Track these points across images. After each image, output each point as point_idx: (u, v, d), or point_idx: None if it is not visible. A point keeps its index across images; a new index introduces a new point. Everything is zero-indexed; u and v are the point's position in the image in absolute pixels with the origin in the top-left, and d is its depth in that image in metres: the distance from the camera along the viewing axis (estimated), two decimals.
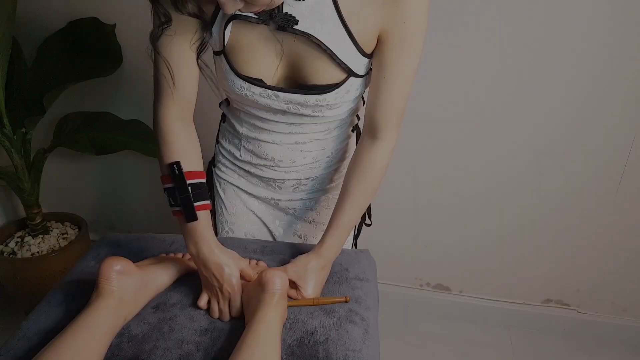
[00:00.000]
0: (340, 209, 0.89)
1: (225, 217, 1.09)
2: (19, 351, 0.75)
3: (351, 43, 0.75)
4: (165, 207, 0.86)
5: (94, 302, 0.75)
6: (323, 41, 0.74)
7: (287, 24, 0.73)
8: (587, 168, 1.48)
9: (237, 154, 0.99)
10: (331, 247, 0.88)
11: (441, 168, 1.57)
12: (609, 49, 1.31)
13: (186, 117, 0.84)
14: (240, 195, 1.06)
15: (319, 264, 0.87)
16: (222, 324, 0.81)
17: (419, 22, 0.74)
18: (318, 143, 0.94)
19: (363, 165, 0.88)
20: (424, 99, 1.46)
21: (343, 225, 0.89)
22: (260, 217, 1.08)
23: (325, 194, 1.05)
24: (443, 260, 1.75)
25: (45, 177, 1.72)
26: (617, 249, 1.60)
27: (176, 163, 0.80)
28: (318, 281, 0.86)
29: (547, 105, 1.41)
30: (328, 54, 0.76)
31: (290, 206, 1.05)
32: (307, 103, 0.82)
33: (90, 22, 1.56)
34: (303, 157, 0.94)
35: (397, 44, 0.76)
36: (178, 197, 0.81)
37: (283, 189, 1.01)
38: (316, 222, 1.08)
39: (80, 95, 1.71)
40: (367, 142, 0.88)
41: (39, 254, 1.67)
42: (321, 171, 0.99)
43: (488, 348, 1.71)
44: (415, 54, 0.77)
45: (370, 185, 0.89)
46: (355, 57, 0.78)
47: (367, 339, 0.79)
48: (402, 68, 0.78)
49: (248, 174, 1.01)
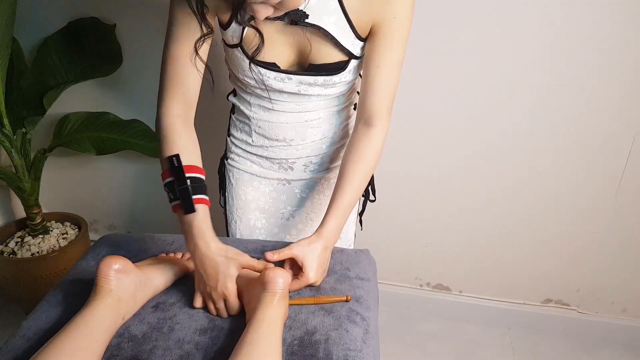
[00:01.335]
0: (340, 191, 0.94)
1: (235, 205, 1.13)
2: (19, 351, 0.75)
3: (351, 31, 0.86)
4: (165, 207, 0.86)
5: (92, 301, 0.75)
6: (330, 31, 0.85)
7: (299, 19, 0.83)
8: (587, 168, 1.48)
9: (250, 140, 1.06)
10: (332, 229, 0.92)
11: (441, 168, 1.57)
12: (609, 49, 1.31)
13: (187, 117, 0.90)
14: (252, 183, 1.11)
15: (321, 245, 0.89)
16: (222, 324, 0.81)
17: (407, 17, 0.86)
18: (325, 119, 1.02)
19: (359, 150, 0.95)
20: (423, 98, 1.46)
21: (343, 207, 0.94)
22: (271, 203, 1.12)
23: (334, 171, 1.11)
24: (443, 260, 1.75)
25: (45, 177, 1.72)
26: (617, 249, 1.60)
27: (175, 155, 0.84)
28: (320, 262, 0.88)
29: (547, 105, 1.41)
30: (333, 41, 0.87)
31: (301, 185, 1.11)
32: (316, 83, 0.92)
33: (90, 22, 1.56)
34: (313, 133, 1.02)
35: (387, 36, 0.87)
36: (177, 189, 0.83)
37: (295, 169, 1.08)
38: (325, 202, 1.11)
39: (80, 95, 1.71)
40: (362, 130, 0.96)
41: (39, 254, 1.67)
42: (329, 147, 1.07)
43: (488, 348, 1.71)
44: (403, 45, 0.89)
45: (366, 168, 0.96)
46: (354, 42, 0.88)
47: (368, 338, 0.79)
48: (392, 58, 0.89)
49: (260, 158, 1.07)
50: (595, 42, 1.30)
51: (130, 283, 0.79)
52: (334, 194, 0.95)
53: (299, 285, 0.86)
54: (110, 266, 0.77)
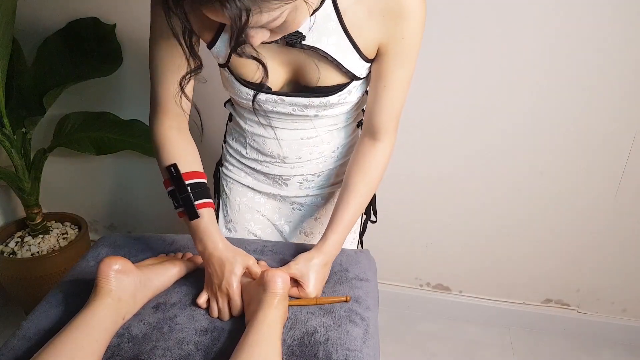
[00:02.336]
0: (343, 206, 0.91)
1: (229, 215, 1.10)
2: (19, 351, 0.75)
3: (355, 52, 0.80)
4: (165, 207, 0.86)
5: (92, 301, 0.75)
6: (329, 53, 0.79)
7: (296, 41, 0.77)
8: (587, 168, 1.48)
9: (244, 152, 1.02)
10: (333, 243, 0.90)
11: (441, 168, 1.58)
12: (609, 49, 1.31)
13: (181, 127, 0.88)
14: (246, 194, 1.07)
15: (321, 261, 0.87)
16: (222, 324, 0.81)
17: (416, 38, 0.80)
18: (324, 137, 0.96)
19: (364, 164, 0.92)
20: (424, 98, 1.46)
21: (345, 222, 0.91)
22: (266, 215, 1.09)
23: (332, 189, 1.06)
24: (443, 260, 1.75)
25: (45, 177, 1.72)
26: (617, 249, 1.60)
27: (173, 165, 0.84)
28: (320, 278, 0.87)
29: (547, 105, 1.41)
30: (334, 63, 0.81)
31: (297, 202, 1.07)
32: (311, 104, 0.86)
33: (90, 22, 1.56)
34: (309, 152, 0.97)
35: (396, 57, 0.81)
36: (179, 198, 0.84)
37: (289, 186, 1.03)
38: (322, 219, 1.09)
39: (80, 95, 1.71)
40: (368, 143, 0.92)
41: (39, 254, 1.67)
42: (327, 166, 1.02)
43: (488, 348, 1.71)
44: (411, 65, 0.84)
45: (371, 182, 0.92)
46: (358, 64, 0.82)
47: (368, 339, 0.79)
48: (401, 77, 0.84)
49: (254, 171, 1.04)
50: (595, 42, 1.30)
51: (130, 283, 0.79)
52: (335, 208, 0.92)
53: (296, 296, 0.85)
54: (110, 266, 0.77)
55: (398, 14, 0.76)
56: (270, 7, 0.58)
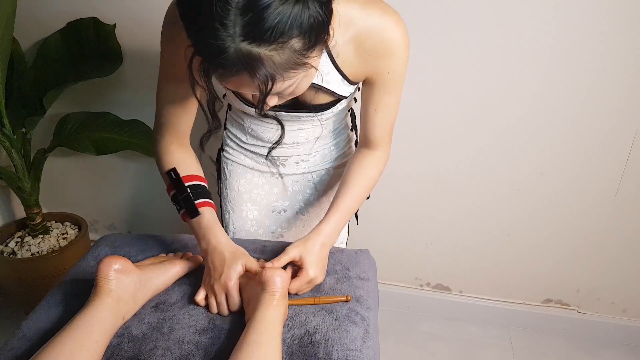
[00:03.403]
0: (341, 194, 0.96)
1: (228, 196, 1.16)
2: (19, 351, 0.75)
3: (344, 80, 0.89)
4: (165, 207, 0.87)
5: (92, 300, 0.75)
6: (322, 84, 0.88)
7: None
8: (587, 168, 1.48)
9: (243, 139, 1.09)
10: (332, 225, 0.92)
11: (441, 168, 1.57)
12: (609, 49, 1.31)
13: (182, 142, 0.94)
14: (245, 175, 1.14)
15: (319, 241, 0.89)
16: (222, 323, 0.81)
17: (400, 70, 0.87)
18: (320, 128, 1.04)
19: (363, 163, 0.98)
20: (424, 98, 1.46)
21: (343, 208, 0.95)
22: (264, 195, 1.15)
23: (327, 167, 1.13)
24: (443, 260, 1.75)
25: (45, 177, 1.72)
26: (616, 249, 1.60)
27: (172, 169, 0.89)
28: (319, 259, 0.87)
29: (547, 105, 1.41)
30: (322, 89, 0.89)
31: (292, 181, 1.13)
32: (306, 117, 0.97)
33: (90, 22, 1.56)
34: (305, 137, 1.04)
35: (382, 87, 0.90)
36: (180, 199, 0.88)
37: (287, 166, 1.10)
38: (318, 200, 1.16)
39: (80, 95, 1.71)
40: (364, 152, 1.00)
41: (39, 254, 1.67)
42: (323, 146, 1.09)
43: (488, 348, 1.71)
44: (398, 91, 0.91)
45: (369, 179, 0.98)
46: (346, 88, 0.91)
47: (368, 338, 0.79)
48: (389, 102, 0.92)
49: (253, 154, 1.10)
50: (595, 42, 1.30)
51: (130, 283, 0.79)
52: (335, 197, 0.96)
53: (301, 283, 0.85)
54: (110, 266, 0.77)
55: (382, 54, 0.83)
56: (289, 75, 0.65)
